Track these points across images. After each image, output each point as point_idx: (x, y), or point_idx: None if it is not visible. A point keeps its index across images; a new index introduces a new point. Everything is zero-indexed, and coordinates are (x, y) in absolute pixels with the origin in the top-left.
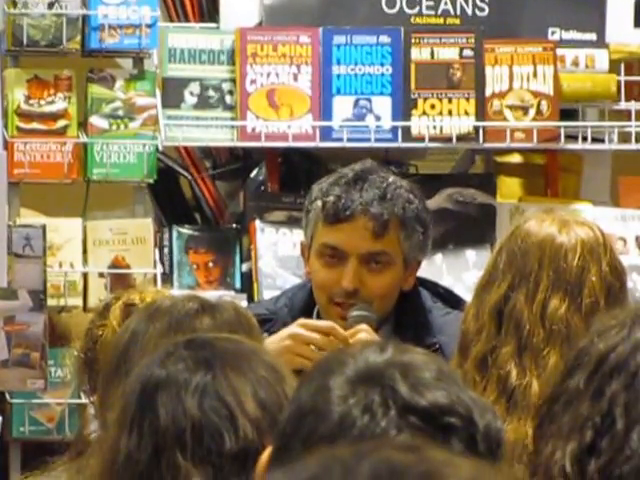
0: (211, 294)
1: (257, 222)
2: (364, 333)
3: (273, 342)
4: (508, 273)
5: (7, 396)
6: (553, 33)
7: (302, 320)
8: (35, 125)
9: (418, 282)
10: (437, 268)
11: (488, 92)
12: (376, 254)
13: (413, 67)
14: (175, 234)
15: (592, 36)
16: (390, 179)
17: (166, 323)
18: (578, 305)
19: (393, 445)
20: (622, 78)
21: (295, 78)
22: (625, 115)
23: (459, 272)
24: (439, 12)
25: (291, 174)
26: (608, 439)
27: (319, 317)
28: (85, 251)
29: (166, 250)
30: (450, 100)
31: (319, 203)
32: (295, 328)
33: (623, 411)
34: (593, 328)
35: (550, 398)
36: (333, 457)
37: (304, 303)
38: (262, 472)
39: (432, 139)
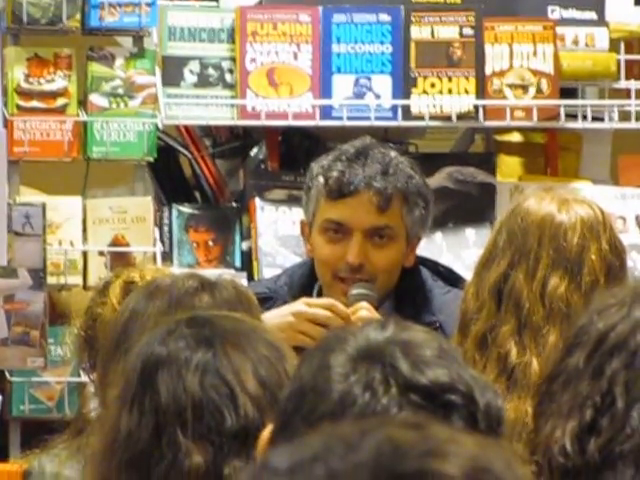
0: (211, 272)
1: (257, 200)
2: (364, 311)
3: (274, 318)
4: (508, 251)
5: (7, 374)
6: (553, 11)
7: (304, 299)
8: (35, 103)
9: (419, 261)
10: (437, 246)
11: (488, 71)
12: (380, 228)
13: (413, 46)
14: (175, 212)
15: (592, 15)
16: (391, 154)
17: (166, 301)
18: (578, 283)
19: (396, 422)
20: (622, 57)
21: (295, 57)
22: (625, 94)
23: (459, 250)
24: None
25: (291, 152)
26: (608, 418)
27: (319, 295)
28: (85, 229)
29: (166, 228)
30: (450, 79)
31: (321, 179)
32: (298, 305)
33: (623, 390)
34: (592, 307)
35: (549, 377)
36: (336, 435)
37: (304, 281)
38: (263, 450)
39: (432, 117)
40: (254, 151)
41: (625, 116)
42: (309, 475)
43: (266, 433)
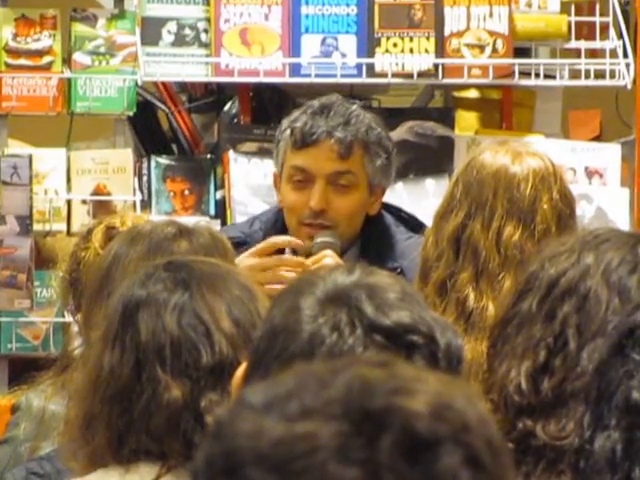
0: (187, 220)
1: (230, 152)
2: (329, 258)
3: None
4: (465, 202)
5: None
6: None
7: (247, 252)
8: (22, 61)
9: (382, 207)
10: (398, 196)
11: (447, 31)
12: (341, 173)
13: (377, 8)
14: (153, 163)
15: None
16: (353, 107)
17: (146, 246)
18: (531, 231)
19: (366, 361)
20: (572, 19)
21: (266, 18)
22: (575, 53)
23: (419, 200)
24: None
25: (262, 108)
26: (561, 358)
27: None
28: (69, 179)
29: (145, 178)
30: (411, 39)
31: (288, 131)
32: (246, 261)
33: (575, 332)
34: (543, 254)
35: (503, 320)
36: (308, 373)
37: (277, 226)
38: (237, 386)
39: (394, 75)
40: (227, 106)
41: (575, 74)
42: (283, 410)
43: (240, 370)
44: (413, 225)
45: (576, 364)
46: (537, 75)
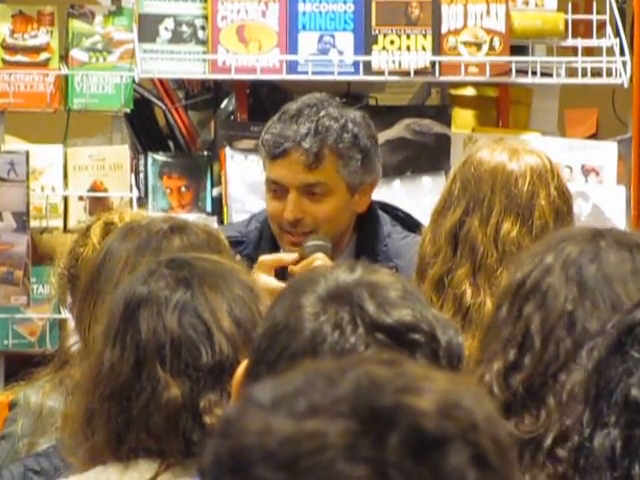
0: (184, 217)
1: (227, 149)
2: (319, 261)
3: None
4: (462, 199)
5: None
6: None
7: (260, 261)
8: (19, 57)
9: (378, 206)
10: (395, 194)
11: (444, 29)
12: (312, 185)
13: (374, 5)
14: (150, 160)
15: None
16: (322, 113)
17: (136, 242)
18: (529, 228)
19: (373, 360)
20: (569, 17)
21: (263, 15)
22: (572, 51)
23: (416, 197)
24: None
25: (259, 105)
26: (529, 356)
27: None
28: (66, 176)
29: (142, 175)
30: (408, 36)
31: (262, 141)
32: (261, 279)
33: (538, 328)
34: (513, 264)
35: (484, 330)
36: (316, 371)
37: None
38: (238, 384)
39: (391, 73)
40: (224, 103)
41: (572, 72)
42: (291, 408)
43: (241, 369)
44: (409, 224)
45: (541, 358)
46: (534, 73)
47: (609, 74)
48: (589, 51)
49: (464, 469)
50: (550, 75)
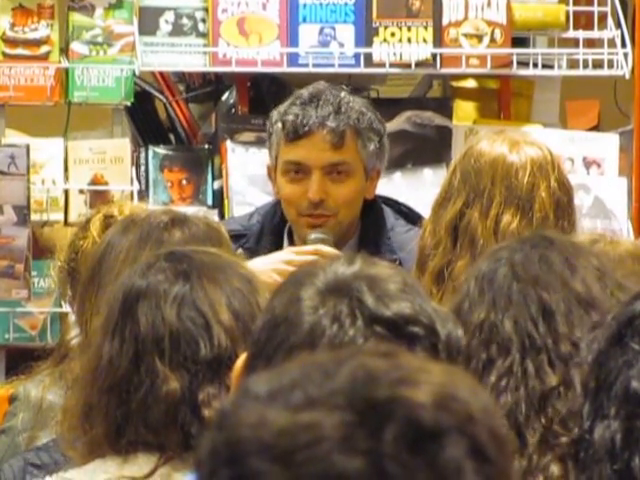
0: (185, 210)
1: (228, 142)
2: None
3: (262, 264)
4: (463, 191)
5: None
6: None
7: (292, 248)
8: (20, 51)
9: (381, 200)
10: (396, 186)
11: (445, 21)
12: (337, 164)
13: None
14: (151, 153)
15: None
16: (342, 94)
17: (137, 235)
18: (529, 219)
19: (370, 352)
20: (571, 8)
21: (264, 7)
22: (573, 43)
23: (417, 190)
24: None
25: (260, 97)
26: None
27: (290, 234)
28: (66, 169)
29: (142, 168)
30: (409, 28)
31: (279, 124)
32: (286, 254)
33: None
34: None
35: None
36: (313, 363)
37: (276, 220)
38: (237, 376)
39: (392, 65)
40: (225, 96)
41: (573, 64)
42: (287, 401)
43: (240, 361)
44: (412, 218)
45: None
46: (535, 65)
47: (610, 66)
48: (590, 43)
49: (461, 461)
50: (551, 67)
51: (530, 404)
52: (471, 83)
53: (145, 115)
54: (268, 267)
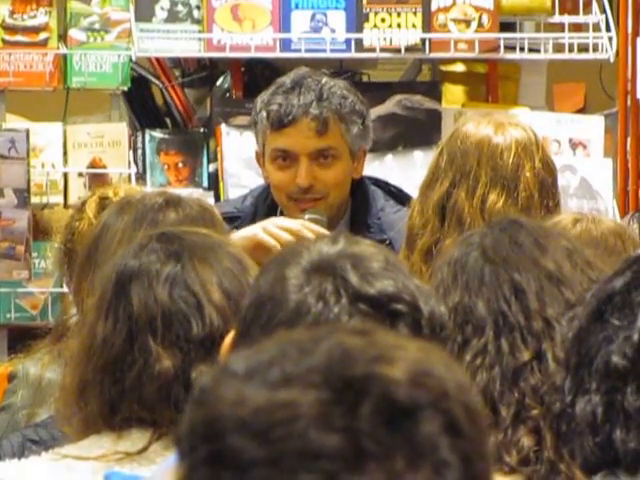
0: (181, 192)
1: (223, 126)
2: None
3: (244, 231)
4: (449, 172)
5: None
6: None
7: (275, 219)
8: (19, 37)
9: (371, 182)
10: (388, 168)
11: (434, 7)
12: (323, 150)
13: None
14: (148, 137)
15: None
16: (323, 80)
17: (132, 216)
18: (514, 199)
19: (346, 330)
20: None
21: None
22: (559, 27)
23: (408, 171)
24: None
25: (253, 82)
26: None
27: (283, 215)
28: (65, 153)
29: (139, 152)
30: (399, 14)
31: (264, 113)
32: (269, 224)
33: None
34: None
35: None
36: (290, 341)
37: (269, 202)
38: (225, 355)
39: (383, 50)
40: (220, 81)
41: (559, 48)
42: (265, 378)
43: (228, 339)
44: (402, 199)
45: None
46: (522, 49)
47: (595, 49)
48: (576, 27)
49: (436, 437)
50: (538, 51)
51: (504, 379)
52: (459, 67)
53: (142, 100)
54: (244, 233)
